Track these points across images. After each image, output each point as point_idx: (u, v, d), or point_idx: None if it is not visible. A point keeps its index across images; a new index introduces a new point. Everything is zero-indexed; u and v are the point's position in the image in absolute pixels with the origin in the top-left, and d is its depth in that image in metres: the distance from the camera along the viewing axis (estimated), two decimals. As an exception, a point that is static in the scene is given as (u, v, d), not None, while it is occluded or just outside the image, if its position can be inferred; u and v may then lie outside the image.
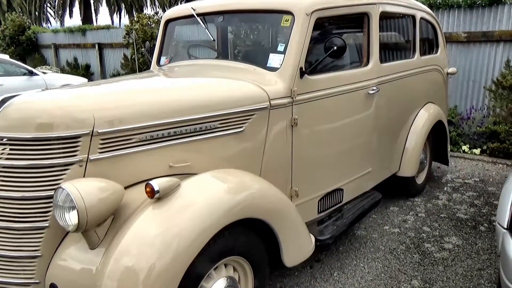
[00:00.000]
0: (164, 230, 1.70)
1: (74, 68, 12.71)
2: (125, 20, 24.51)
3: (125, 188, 1.89)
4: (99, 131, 1.87)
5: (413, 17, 3.62)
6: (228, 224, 1.86)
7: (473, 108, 5.79)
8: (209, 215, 1.80)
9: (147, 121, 2.01)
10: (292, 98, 2.46)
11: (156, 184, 1.75)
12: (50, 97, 1.97)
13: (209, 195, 1.88)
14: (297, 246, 2.26)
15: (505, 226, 1.99)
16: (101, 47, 12.05)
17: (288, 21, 2.53)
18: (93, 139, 1.86)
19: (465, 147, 5.46)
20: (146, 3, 23.33)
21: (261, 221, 2.06)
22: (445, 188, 4.28)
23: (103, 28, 12.44)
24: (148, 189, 1.76)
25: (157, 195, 1.75)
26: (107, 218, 1.78)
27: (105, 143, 1.91)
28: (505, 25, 5.45)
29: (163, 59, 3.29)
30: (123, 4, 23.79)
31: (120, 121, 1.94)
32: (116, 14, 25.02)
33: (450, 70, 4.39)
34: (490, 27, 5.55)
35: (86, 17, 23.10)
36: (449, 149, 4.39)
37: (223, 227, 1.83)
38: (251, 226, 2.06)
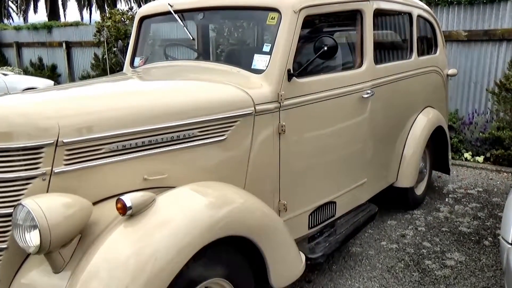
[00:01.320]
0: (137, 250, 1.68)
1: (39, 69, 12.58)
2: (96, 16, 24.40)
3: (94, 204, 1.87)
4: (65, 140, 1.85)
5: (410, 14, 3.68)
6: (209, 242, 1.85)
7: (475, 112, 5.89)
8: (187, 233, 1.79)
9: (119, 129, 1.99)
10: (279, 103, 2.47)
11: (128, 199, 1.73)
12: (10, 103, 1.94)
13: (188, 211, 1.87)
14: (285, 265, 2.26)
15: (510, 241, 2.02)
16: (69, 46, 11.96)
17: (274, 19, 2.55)
18: (57, 150, 1.84)
19: (467, 155, 5.55)
20: (120, -3, 23.29)
21: (246, 239, 2.05)
22: (446, 200, 4.33)
23: (71, 24, 12.35)
24: (119, 205, 1.74)
25: (129, 212, 1.74)
26: (73, 238, 1.76)
27: (71, 154, 1.89)
28: (507, 23, 5.58)
29: (137, 60, 3.28)
30: (94, -2, 23.72)
31: (88, 129, 1.92)
32: (86, 9, 24.92)
33: (450, 71, 4.47)
34: (492, 25, 5.68)
35: (53, 13, 22.93)
36: (450, 157, 4.46)
37: (203, 246, 1.82)
38: (235, 244, 2.05)
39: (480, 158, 5.45)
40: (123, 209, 1.73)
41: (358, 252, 3.34)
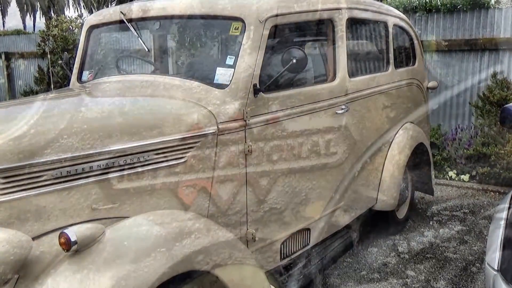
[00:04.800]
0: (84, 292, 1.65)
1: (-27, 84, 12.27)
2: (41, 23, 24.09)
3: (34, 239, 1.83)
4: (2, 167, 1.82)
5: (385, 23, 3.80)
6: (167, 279, 1.83)
7: (458, 127, 6.07)
8: (142, 269, 1.77)
9: (63, 153, 1.96)
10: (245, 121, 2.49)
11: (72, 233, 1.70)
12: None
13: (143, 245, 1.85)
14: (254, 302, 2.25)
15: (496, 268, 2.07)
16: (9, 57, 11.73)
17: (238, 29, 2.59)
18: (-9, 178, 1.80)
19: (451, 173, 5.70)
20: (68, 2, 23.11)
21: (210, 274, 2.04)
22: (430, 223, 4.43)
23: (11, 33, 12.15)
24: (62, 240, 1.71)
25: (74, 247, 1.71)
26: (9, 279, 1.70)
27: (8, 182, 1.85)
28: (489, 32, 5.83)
29: (85, 74, 3.25)
30: (38, 4, 23.43)
31: (28, 154, 1.89)
32: (30, 16, 24.58)
33: (430, 84, 4.62)
34: (473, 34, 5.92)
35: (-10, 20, 22.52)
36: (433, 176, 4.57)
37: (160, 283, 1.80)
38: (197, 281, 2.03)
39: (466, 177, 5.60)
40: (67, 244, 1.70)
41: (336, 284, 3.36)
